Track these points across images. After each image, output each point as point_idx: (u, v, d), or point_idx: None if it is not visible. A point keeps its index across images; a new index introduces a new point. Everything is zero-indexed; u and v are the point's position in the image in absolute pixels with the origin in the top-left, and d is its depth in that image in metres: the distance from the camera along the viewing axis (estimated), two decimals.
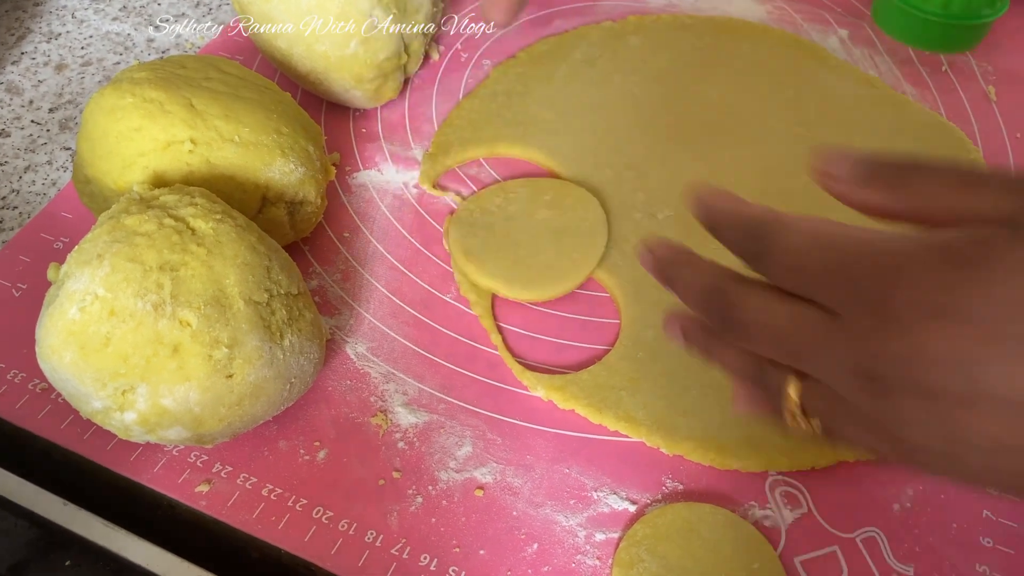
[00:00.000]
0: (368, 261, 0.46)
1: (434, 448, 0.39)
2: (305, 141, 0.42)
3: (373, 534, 0.37)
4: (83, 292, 0.32)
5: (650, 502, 0.38)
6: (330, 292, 0.45)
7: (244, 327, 0.34)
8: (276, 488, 0.38)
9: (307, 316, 0.37)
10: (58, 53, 0.57)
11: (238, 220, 0.36)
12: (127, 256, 0.33)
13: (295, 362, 0.36)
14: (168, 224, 0.34)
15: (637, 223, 0.47)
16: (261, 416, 0.36)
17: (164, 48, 0.58)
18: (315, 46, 0.47)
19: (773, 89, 0.55)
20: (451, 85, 0.55)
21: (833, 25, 0.60)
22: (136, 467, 0.38)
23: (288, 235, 0.43)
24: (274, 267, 0.36)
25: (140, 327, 0.32)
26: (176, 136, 0.39)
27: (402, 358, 0.42)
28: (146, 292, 0.33)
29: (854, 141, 0.52)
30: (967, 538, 0.37)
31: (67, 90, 0.55)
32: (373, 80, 0.50)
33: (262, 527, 0.37)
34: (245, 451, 0.39)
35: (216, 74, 0.42)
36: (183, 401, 0.33)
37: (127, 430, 0.34)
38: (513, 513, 0.38)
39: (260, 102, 0.42)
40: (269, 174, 0.40)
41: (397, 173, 0.50)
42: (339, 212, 0.48)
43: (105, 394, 0.33)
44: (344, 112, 0.53)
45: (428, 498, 0.38)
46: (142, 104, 0.39)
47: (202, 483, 0.38)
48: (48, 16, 0.59)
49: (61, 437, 0.39)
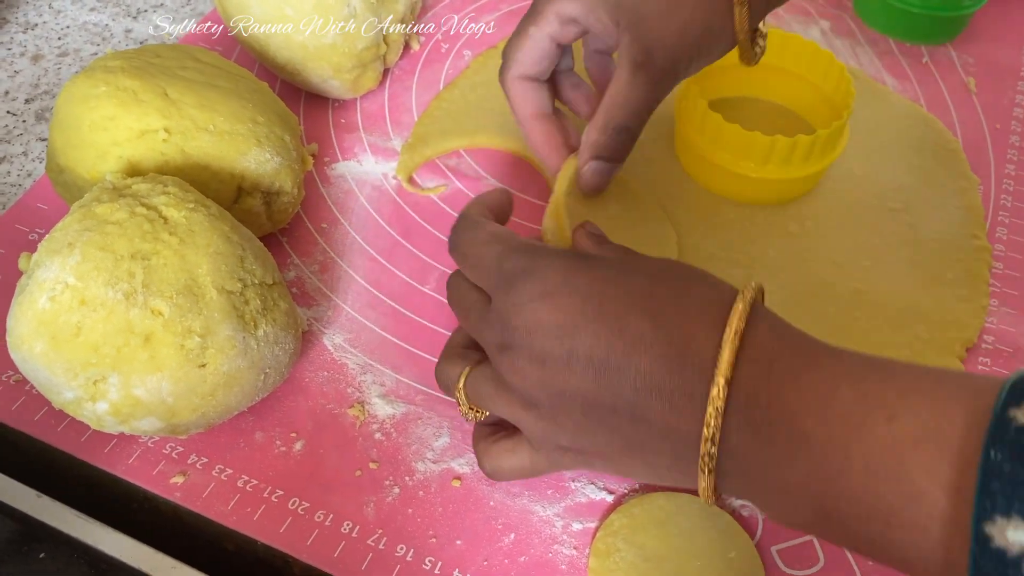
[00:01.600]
0: (346, 252, 0.46)
1: (411, 439, 0.39)
2: (281, 130, 0.42)
3: (349, 525, 0.37)
4: (53, 281, 0.32)
5: (627, 492, 0.38)
6: (308, 283, 0.45)
7: (217, 316, 0.34)
8: (252, 479, 0.38)
9: (282, 306, 0.37)
10: (35, 44, 0.57)
11: (211, 209, 0.36)
12: (98, 245, 0.33)
13: (269, 352, 0.36)
14: (140, 213, 0.34)
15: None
16: (235, 406, 0.36)
17: (142, 39, 0.57)
18: (293, 36, 0.47)
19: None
20: (431, 76, 0.55)
21: (815, 16, 0.60)
22: (110, 459, 0.38)
23: (265, 225, 0.43)
24: (248, 256, 0.36)
25: (111, 316, 0.32)
26: (150, 125, 0.39)
27: (379, 349, 0.42)
28: (117, 281, 0.32)
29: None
30: None
31: (43, 80, 0.54)
32: (352, 70, 0.49)
33: (237, 519, 0.37)
34: (221, 442, 0.39)
35: (192, 63, 0.42)
36: (155, 391, 0.33)
37: (99, 420, 0.34)
38: (490, 503, 0.38)
39: (235, 91, 0.41)
40: (244, 163, 0.40)
41: (376, 164, 0.50)
42: (318, 203, 0.48)
43: (76, 384, 0.33)
44: (323, 103, 0.53)
45: (405, 489, 0.38)
46: (116, 93, 0.39)
47: (177, 474, 0.38)
48: (24, 7, 0.59)
49: (35, 428, 0.39)
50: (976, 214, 0.48)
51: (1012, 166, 0.51)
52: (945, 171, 0.50)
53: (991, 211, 0.49)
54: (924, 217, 0.48)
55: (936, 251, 0.46)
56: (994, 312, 0.44)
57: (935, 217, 0.48)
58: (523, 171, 0.50)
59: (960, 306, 0.44)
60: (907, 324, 0.43)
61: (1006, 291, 0.45)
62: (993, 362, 0.43)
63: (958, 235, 0.47)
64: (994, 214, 0.49)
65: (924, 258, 0.46)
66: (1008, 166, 0.51)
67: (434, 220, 0.48)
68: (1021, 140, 0.53)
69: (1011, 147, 0.52)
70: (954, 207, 0.48)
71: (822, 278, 0.45)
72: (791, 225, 0.47)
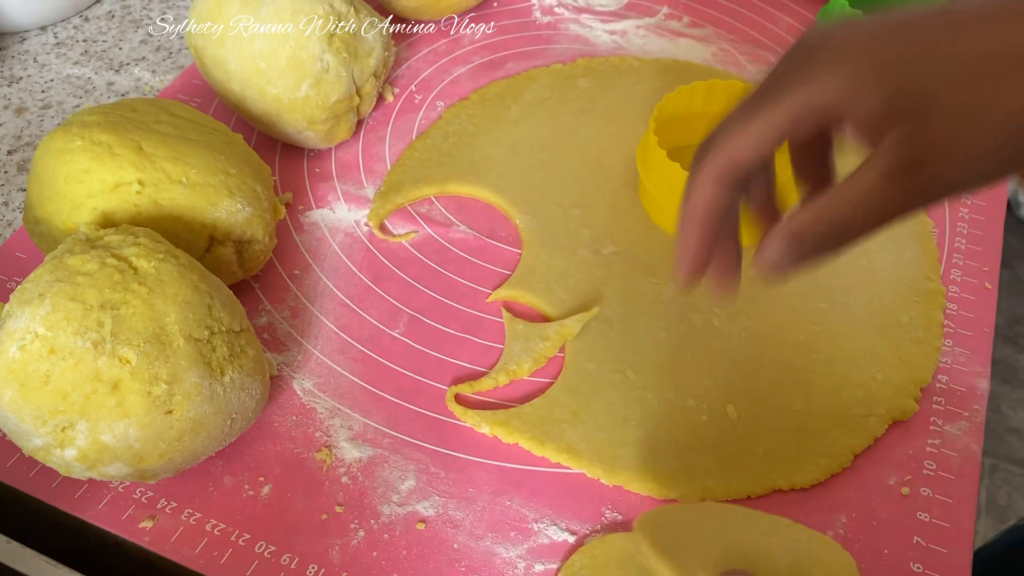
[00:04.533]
0: (318, 298, 0.47)
1: (377, 482, 0.40)
2: (253, 181, 0.43)
3: (315, 568, 0.37)
4: (23, 331, 0.33)
5: (589, 532, 0.39)
6: (279, 329, 0.46)
7: (184, 364, 0.34)
8: (220, 523, 0.38)
9: (249, 352, 0.38)
10: (19, 96, 0.58)
11: (181, 259, 0.37)
12: (68, 295, 0.34)
13: (236, 398, 0.37)
14: (110, 263, 0.35)
15: (582, 259, 0.49)
16: (203, 452, 0.37)
17: (124, 91, 0.59)
18: (267, 89, 0.48)
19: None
20: (405, 126, 0.57)
21: None
22: (81, 504, 0.39)
23: (237, 273, 0.44)
24: (216, 305, 0.37)
25: (80, 364, 0.33)
26: (124, 178, 0.40)
27: (348, 393, 0.43)
28: (86, 330, 0.33)
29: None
30: (898, 563, 0.38)
31: (26, 132, 0.56)
32: (325, 122, 0.51)
33: (205, 562, 0.37)
34: (190, 487, 0.39)
35: (167, 117, 0.44)
36: (123, 437, 0.34)
37: (68, 467, 0.35)
38: (454, 546, 0.38)
39: (209, 144, 0.43)
40: (216, 214, 0.41)
41: (349, 211, 0.51)
42: (290, 250, 0.49)
43: (45, 431, 0.34)
44: (299, 152, 0.54)
45: (370, 532, 0.38)
46: (91, 147, 0.40)
47: (146, 519, 0.38)
48: (10, 60, 0.61)
49: (5, 475, 0.39)
50: (931, 257, 0.50)
51: (965, 210, 0.53)
52: None
53: (945, 253, 0.50)
54: (880, 260, 0.49)
55: (891, 294, 0.48)
56: (948, 352, 0.46)
57: (890, 260, 0.49)
58: (493, 217, 0.52)
59: (914, 348, 0.45)
60: (863, 366, 0.45)
61: (960, 331, 0.47)
62: (947, 401, 0.44)
63: (913, 278, 0.48)
64: (948, 257, 0.50)
65: (880, 301, 0.47)
66: (962, 210, 0.53)
67: (405, 266, 0.49)
68: None
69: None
70: (910, 250, 0.50)
71: (780, 320, 0.46)
72: (748, 269, 0.48)
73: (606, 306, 0.47)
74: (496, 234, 0.51)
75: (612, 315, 0.46)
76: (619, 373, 0.44)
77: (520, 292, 0.47)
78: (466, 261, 0.49)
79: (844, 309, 0.47)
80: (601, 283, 0.48)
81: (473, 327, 0.46)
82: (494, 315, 0.47)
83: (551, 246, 0.49)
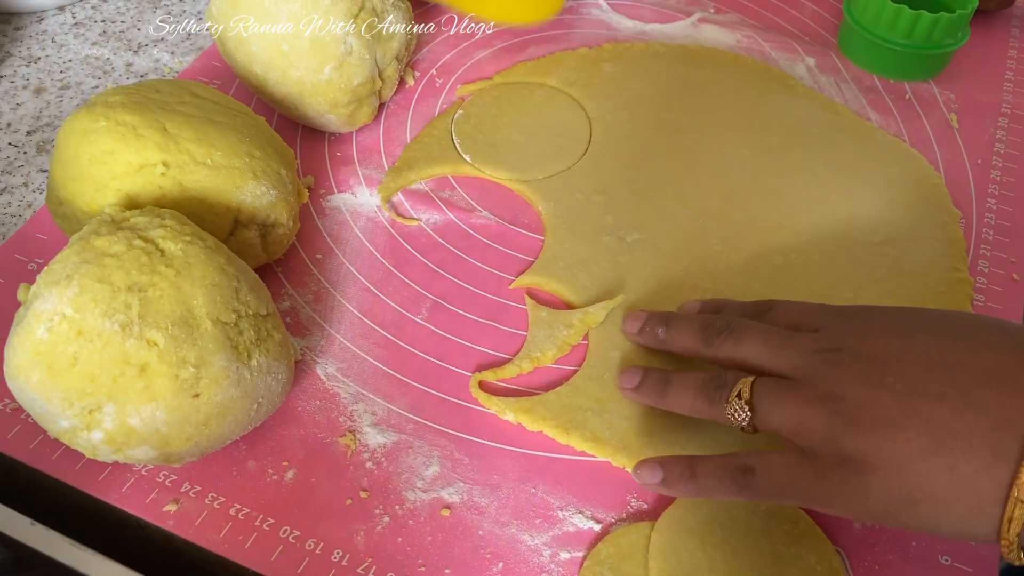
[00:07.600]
0: (340, 282, 0.47)
1: (402, 468, 0.40)
2: (277, 164, 0.43)
3: (339, 553, 0.37)
4: (51, 312, 0.33)
5: (615, 521, 0.39)
6: (302, 313, 0.45)
7: (211, 347, 0.34)
8: (244, 508, 0.38)
9: (275, 337, 0.38)
10: (37, 76, 0.58)
11: (207, 241, 0.37)
12: (95, 277, 0.33)
13: (262, 382, 0.36)
14: (137, 245, 0.35)
15: (606, 246, 0.48)
16: (228, 436, 0.37)
17: (143, 72, 0.59)
18: (290, 72, 0.48)
19: (742, 116, 0.56)
20: (426, 110, 0.56)
21: (800, 54, 0.62)
22: (104, 487, 0.39)
23: (260, 257, 0.44)
24: (243, 288, 0.36)
25: (107, 347, 0.33)
26: (149, 159, 0.39)
27: (372, 379, 0.43)
28: (114, 312, 0.33)
29: (819, 167, 0.53)
30: (926, 556, 0.38)
31: (45, 113, 0.55)
32: (348, 105, 0.50)
33: (229, 546, 0.37)
34: (214, 471, 0.39)
35: (190, 98, 0.43)
36: (150, 420, 0.34)
37: (94, 449, 0.35)
38: (479, 532, 0.38)
39: (233, 126, 0.42)
40: (241, 197, 0.41)
41: (371, 196, 0.51)
42: (312, 234, 0.49)
43: (72, 413, 0.33)
44: (320, 136, 0.54)
45: (395, 517, 0.38)
46: (115, 128, 0.40)
47: (170, 502, 0.38)
48: (28, 40, 0.60)
49: (30, 457, 0.39)
50: (958, 247, 0.49)
51: (993, 200, 0.52)
52: (928, 205, 0.51)
53: (973, 245, 0.50)
54: (907, 251, 0.49)
55: (918, 284, 0.47)
56: None
57: (918, 251, 0.49)
58: (515, 203, 0.51)
59: None
60: None
61: None
62: None
63: (940, 268, 0.48)
64: (975, 248, 0.50)
65: (907, 291, 0.47)
66: (989, 200, 0.52)
67: (427, 251, 0.48)
68: (1002, 175, 0.54)
69: (992, 181, 0.53)
70: (936, 241, 0.49)
71: None
72: (776, 258, 0.48)
73: (630, 293, 0.46)
74: (519, 220, 0.50)
75: (636, 303, 0.46)
76: (644, 362, 0.43)
77: (543, 279, 0.47)
78: (488, 247, 0.49)
79: (870, 299, 0.46)
80: (625, 271, 0.47)
81: (496, 314, 0.46)
82: (517, 302, 0.46)
83: (574, 233, 0.49)
